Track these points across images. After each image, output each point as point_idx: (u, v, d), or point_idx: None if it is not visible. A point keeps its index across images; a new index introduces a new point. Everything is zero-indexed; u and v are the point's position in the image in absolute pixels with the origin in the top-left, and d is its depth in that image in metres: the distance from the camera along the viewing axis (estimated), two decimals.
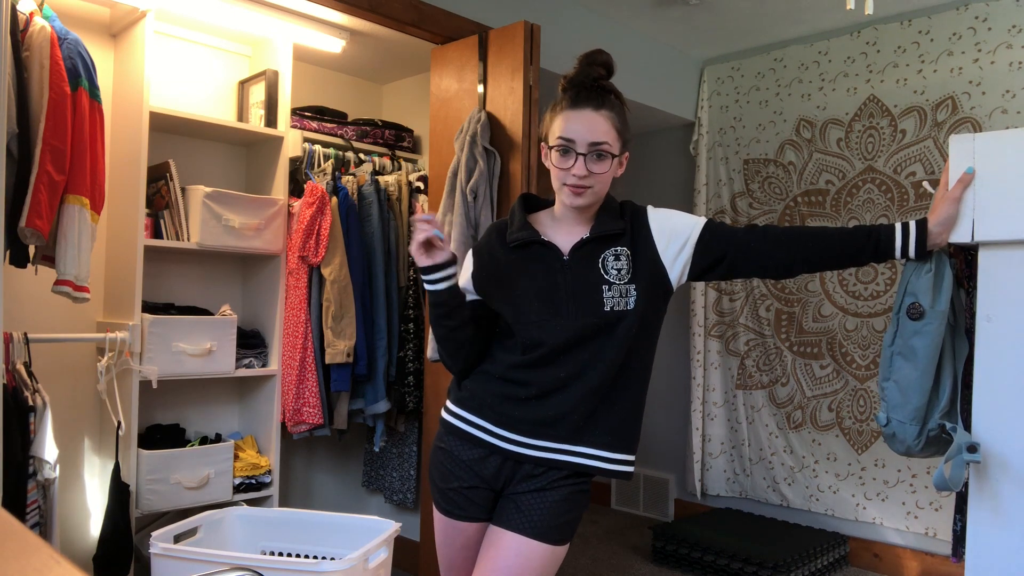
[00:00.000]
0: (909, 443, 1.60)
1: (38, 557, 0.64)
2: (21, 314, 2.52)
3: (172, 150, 2.90)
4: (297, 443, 3.29)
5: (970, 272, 1.62)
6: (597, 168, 1.50)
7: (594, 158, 1.50)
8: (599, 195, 1.55)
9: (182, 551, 2.11)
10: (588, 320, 1.51)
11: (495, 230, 1.67)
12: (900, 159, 3.49)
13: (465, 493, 1.59)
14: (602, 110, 1.51)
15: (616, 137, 1.52)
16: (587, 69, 1.53)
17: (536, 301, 1.54)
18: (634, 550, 3.72)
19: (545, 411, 1.53)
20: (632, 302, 1.51)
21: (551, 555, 1.52)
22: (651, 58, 3.89)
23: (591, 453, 1.54)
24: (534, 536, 1.50)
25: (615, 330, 1.51)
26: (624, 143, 1.56)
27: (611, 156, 1.51)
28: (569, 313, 1.52)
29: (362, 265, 3.04)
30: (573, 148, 1.50)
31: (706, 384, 4.09)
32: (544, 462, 1.54)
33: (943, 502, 3.30)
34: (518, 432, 1.55)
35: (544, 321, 1.53)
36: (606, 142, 1.50)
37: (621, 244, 1.55)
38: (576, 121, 1.50)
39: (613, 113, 1.52)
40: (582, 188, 1.51)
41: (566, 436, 1.53)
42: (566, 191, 1.53)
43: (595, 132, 1.49)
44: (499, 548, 1.52)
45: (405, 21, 2.80)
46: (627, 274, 1.52)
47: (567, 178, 1.52)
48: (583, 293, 1.52)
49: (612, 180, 1.57)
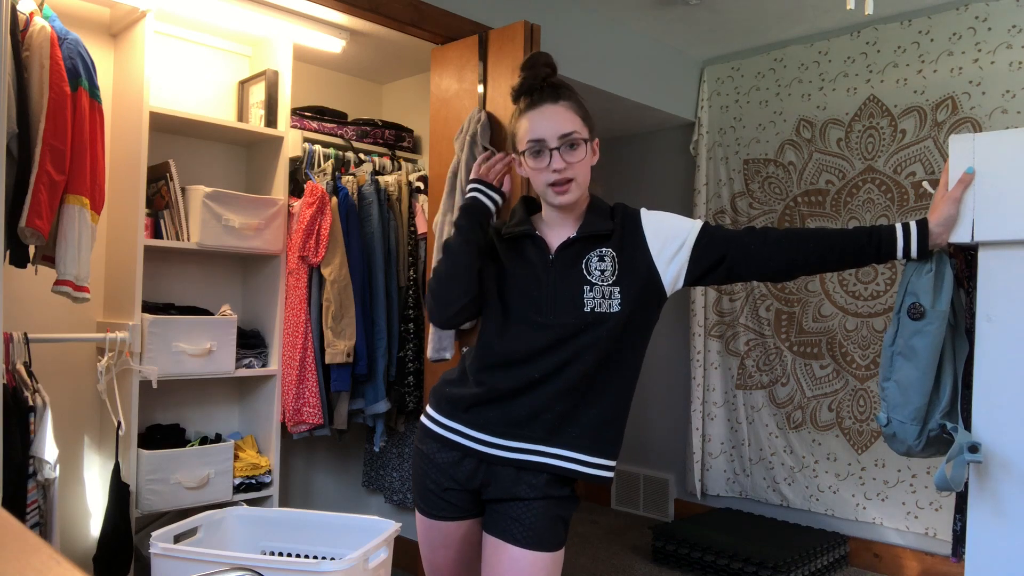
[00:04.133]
0: (910, 443, 1.60)
1: (38, 557, 0.64)
2: (21, 314, 2.52)
3: (172, 150, 2.90)
4: (297, 443, 3.29)
5: (970, 272, 1.62)
6: (573, 157, 1.51)
7: (568, 149, 1.51)
8: (583, 187, 1.55)
9: (182, 551, 2.11)
10: (567, 320, 1.50)
11: (498, 225, 1.70)
12: (900, 159, 3.49)
13: (441, 495, 1.59)
14: (560, 102, 1.52)
15: (582, 124, 1.53)
16: (533, 72, 1.55)
17: (519, 297, 1.55)
18: (634, 550, 3.72)
19: (518, 410, 1.52)
20: (616, 304, 1.50)
21: (553, 562, 1.52)
22: (651, 58, 3.89)
23: (566, 455, 1.52)
24: (535, 547, 1.49)
25: (595, 331, 1.50)
26: (591, 130, 1.56)
27: (583, 142, 1.52)
28: (549, 312, 1.52)
29: (362, 265, 3.04)
30: (545, 146, 1.51)
31: (706, 384, 4.09)
32: (518, 463, 1.52)
33: (943, 502, 3.30)
34: (492, 433, 1.54)
35: (524, 318, 1.53)
36: (574, 130, 1.51)
37: (607, 246, 1.54)
38: (539, 119, 1.51)
39: (572, 102, 1.54)
40: (565, 182, 1.51)
41: (540, 436, 1.52)
42: (550, 192, 1.53)
43: (561, 124, 1.51)
44: (504, 564, 1.50)
45: (405, 21, 2.80)
46: (611, 276, 1.52)
47: (547, 176, 1.52)
48: (564, 292, 1.52)
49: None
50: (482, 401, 1.56)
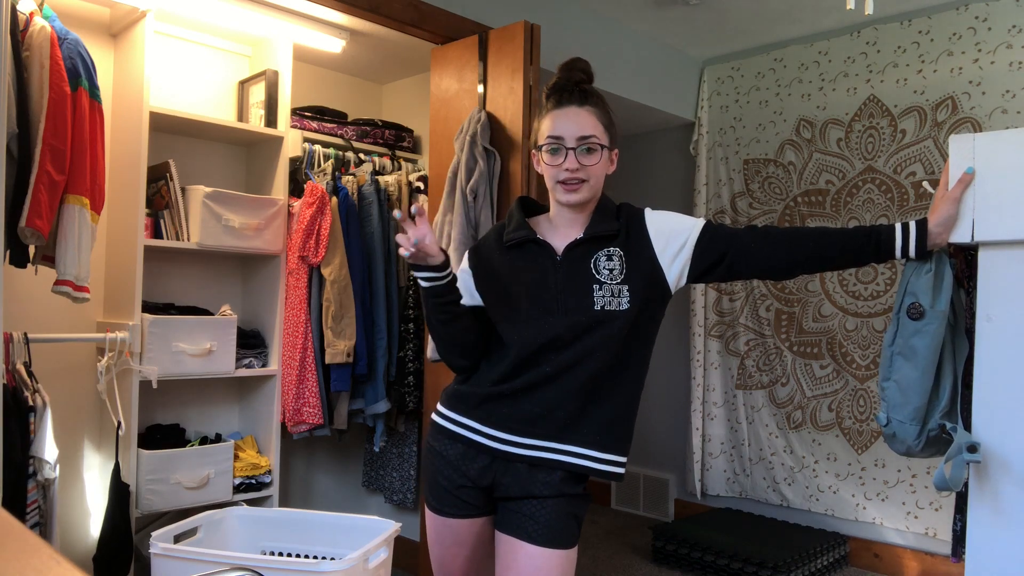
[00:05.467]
0: (909, 443, 1.60)
1: (38, 557, 0.64)
2: (21, 314, 2.52)
3: (172, 150, 2.90)
4: (297, 443, 3.29)
5: (970, 272, 1.62)
6: (587, 161, 1.52)
7: (584, 151, 1.52)
8: (594, 190, 1.56)
9: (182, 551, 2.11)
10: (578, 319, 1.51)
11: (494, 231, 1.69)
12: (900, 159, 3.49)
13: (453, 492, 1.59)
14: (586, 106, 1.54)
15: (603, 132, 1.55)
16: (568, 74, 1.57)
17: (527, 299, 1.55)
18: (634, 550, 3.72)
19: (531, 407, 1.54)
20: (625, 303, 1.51)
21: (568, 559, 1.53)
22: (651, 58, 3.89)
23: (579, 452, 1.54)
24: (550, 544, 1.50)
25: (605, 330, 1.51)
26: (612, 139, 1.57)
27: (600, 148, 1.53)
28: (559, 311, 1.53)
29: (362, 265, 3.04)
30: (562, 144, 1.52)
31: (706, 384, 4.09)
32: (531, 460, 1.54)
33: (943, 502, 3.30)
34: (505, 430, 1.55)
35: (534, 319, 1.54)
36: (594, 135, 1.53)
37: (614, 245, 1.55)
38: (562, 119, 1.53)
39: (597, 109, 1.55)
40: (576, 182, 1.53)
41: (552, 434, 1.53)
42: (560, 188, 1.55)
43: (582, 127, 1.52)
44: (520, 562, 1.51)
45: (405, 21, 2.80)
46: (619, 274, 1.53)
47: (559, 174, 1.53)
48: (574, 292, 1.53)
49: (608, 180, 1.58)
50: (493, 398, 1.57)
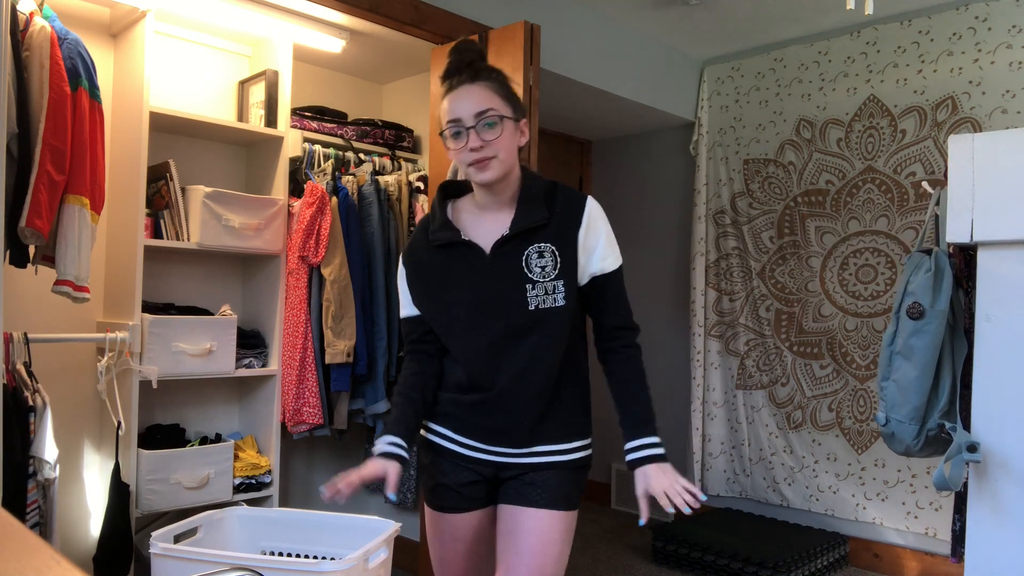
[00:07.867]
0: (908, 443, 1.61)
1: (38, 557, 0.64)
2: (21, 314, 2.52)
3: (172, 150, 2.90)
4: (297, 443, 3.29)
5: (970, 272, 1.62)
6: (490, 135, 1.48)
7: (485, 127, 1.48)
8: (507, 165, 1.51)
9: (182, 551, 2.11)
10: (514, 320, 1.50)
11: (420, 229, 1.64)
12: (900, 159, 3.49)
13: (455, 488, 1.61)
14: (478, 82, 1.51)
15: (503, 102, 1.51)
16: (459, 56, 1.54)
17: (463, 305, 1.53)
18: (634, 550, 3.72)
19: (494, 421, 1.56)
20: (560, 298, 1.49)
21: (570, 520, 1.57)
22: (651, 58, 3.89)
23: (547, 450, 1.57)
24: (552, 506, 1.54)
25: (544, 329, 1.50)
26: (515, 109, 1.54)
27: (500, 119, 1.49)
28: (494, 314, 1.51)
29: (362, 265, 3.04)
30: (462, 125, 1.49)
31: (706, 384, 4.09)
32: (510, 465, 1.58)
33: (943, 502, 3.30)
34: (480, 440, 1.59)
35: (474, 327, 1.52)
36: (491, 108, 1.49)
37: (544, 240, 1.51)
38: (456, 100, 1.50)
39: (492, 82, 1.52)
40: (483, 159, 1.48)
41: (519, 442, 1.57)
42: (472, 171, 1.51)
43: (477, 102, 1.48)
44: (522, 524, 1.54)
45: (405, 21, 2.80)
46: (553, 270, 1.50)
47: (466, 156, 1.49)
48: (507, 293, 1.50)
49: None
50: (463, 406, 1.59)
